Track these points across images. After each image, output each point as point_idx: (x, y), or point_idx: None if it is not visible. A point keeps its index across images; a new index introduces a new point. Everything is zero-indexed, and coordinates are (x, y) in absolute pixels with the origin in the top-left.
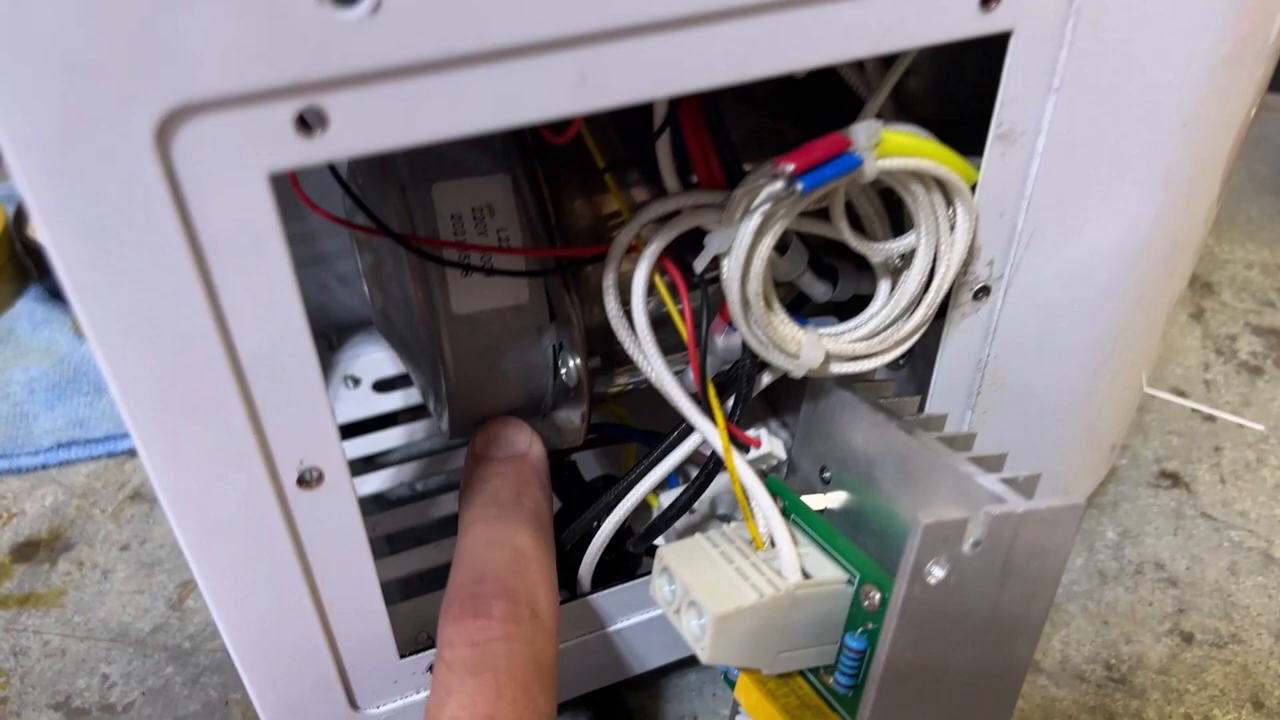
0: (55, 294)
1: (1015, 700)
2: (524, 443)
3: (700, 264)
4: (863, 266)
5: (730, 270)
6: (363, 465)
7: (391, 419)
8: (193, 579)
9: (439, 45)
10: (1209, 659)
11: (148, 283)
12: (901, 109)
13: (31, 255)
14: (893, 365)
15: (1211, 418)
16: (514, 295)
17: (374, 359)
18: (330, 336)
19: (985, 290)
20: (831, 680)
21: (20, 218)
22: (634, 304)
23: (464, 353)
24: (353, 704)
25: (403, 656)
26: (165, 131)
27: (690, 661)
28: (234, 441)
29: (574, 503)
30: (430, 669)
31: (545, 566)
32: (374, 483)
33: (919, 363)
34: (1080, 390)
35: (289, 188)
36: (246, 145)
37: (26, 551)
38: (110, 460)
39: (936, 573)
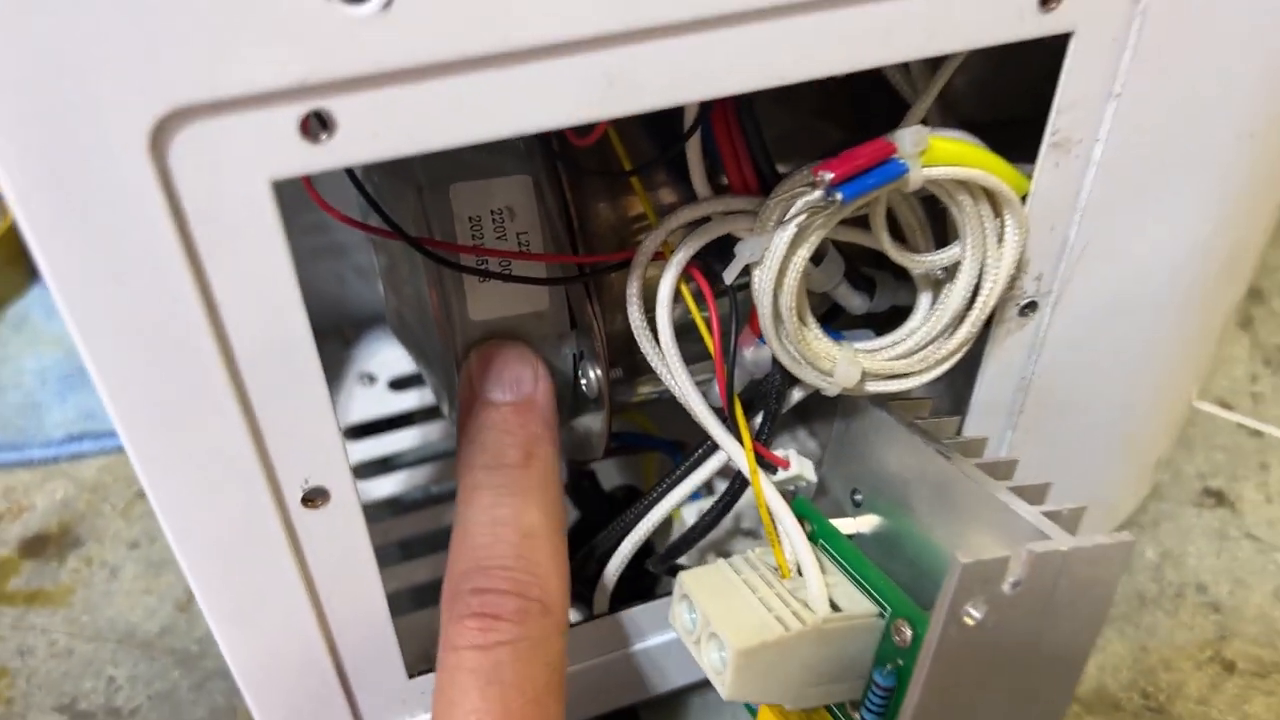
0: None
1: None
2: (529, 380)
3: (730, 274)
4: (901, 277)
5: (762, 281)
6: (377, 467)
7: (407, 419)
8: None
9: (455, 46)
10: (1251, 689)
11: (139, 292)
12: (947, 107)
13: None
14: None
15: (1259, 433)
16: (533, 302)
17: (390, 356)
18: (346, 332)
19: (1032, 306)
20: (858, 716)
21: None
22: (659, 313)
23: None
24: None
25: (411, 677)
26: (160, 135)
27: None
28: (234, 459)
29: (593, 513)
30: None
31: (557, 547)
32: (388, 485)
33: (959, 378)
34: (1127, 408)
35: (298, 181)
36: (248, 151)
37: (35, 547)
38: (121, 454)
39: (974, 614)
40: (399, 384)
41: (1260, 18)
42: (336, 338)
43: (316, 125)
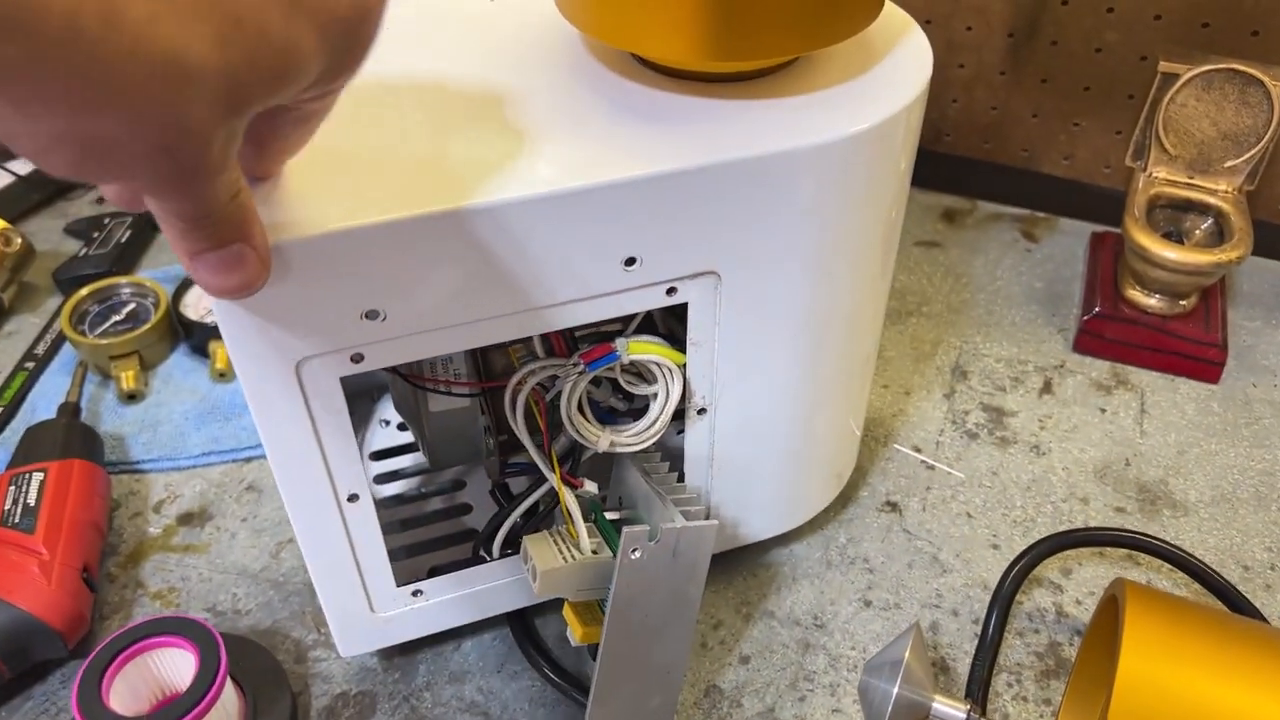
0: (197, 350)
1: (693, 624)
2: None
3: (551, 395)
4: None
5: (564, 398)
6: (389, 476)
7: (408, 448)
8: (285, 541)
9: (405, 329)
10: (876, 617)
11: (292, 424)
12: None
13: (181, 324)
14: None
15: (933, 467)
16: (462, 402)
17: None
18: (373, 394)
19: (704, 410)
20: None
21: (177, 296)
22: (517, 410)
23: (436, 429)
24: (372, 608)
25: (398, 586)
26: (300, 365)
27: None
28: (320, 483)
29: (504, 507)
30: (412, 595)
31: None
32: (395, 488)
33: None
34: (786, 454)
35: None
36: (331, 369)
37: (186, 519)
38: (234, 464)
39: (634, 555)
40: (403, 426)
41: (784, 295)
42: (368, 398)
43: (358, 359)
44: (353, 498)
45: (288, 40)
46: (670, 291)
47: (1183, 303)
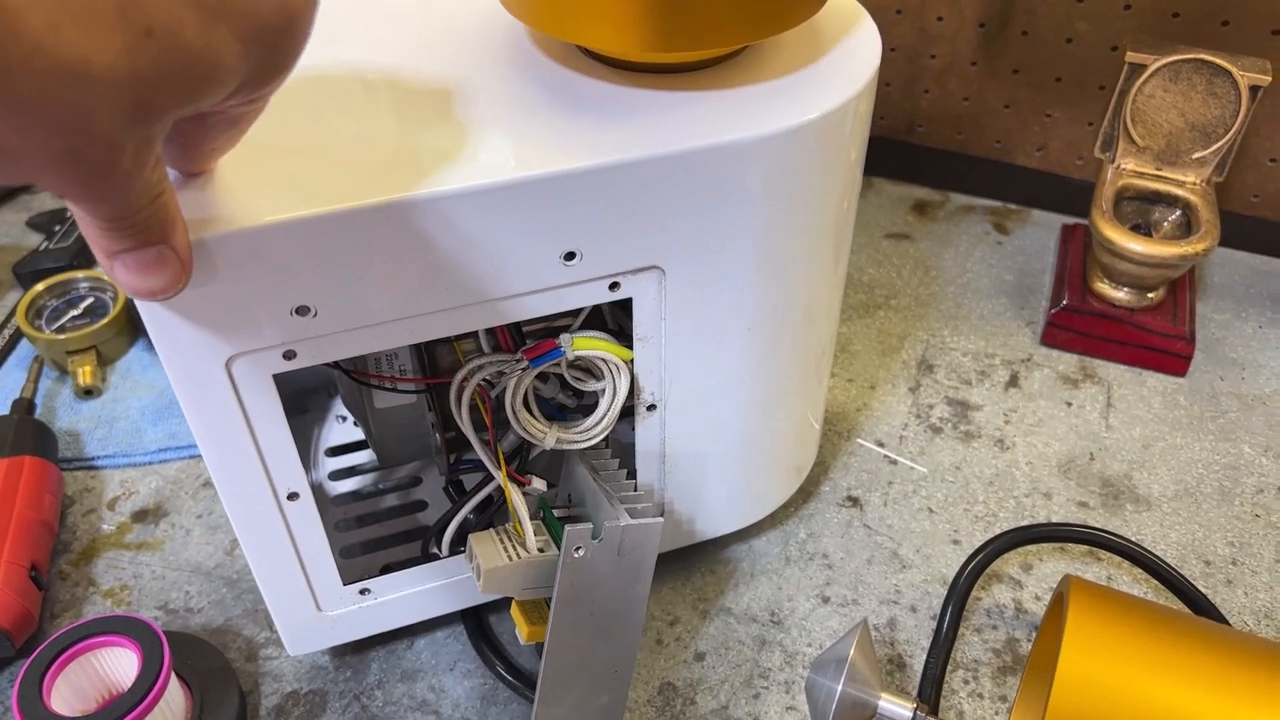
0: None
1: (640, 622)
2: None
3: (496, 391)
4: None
5: (509, 395)
6: (346, 472)
7: (364, 444)
8: None
9: (338, 325)
10: (834, 613)
11: (226, 422)
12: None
13: (140, 319)
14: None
15: (895, 461)
16: (408, 399)
17: None
18: (330, 388)
19: (653, 406)
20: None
21: None
22: (463, 407)
23: (383, 426)
24: (318, 608)
25: (345, 584)
26: (230, 361)
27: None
28: (257, 481)
29: (454, 503)
30: (359, 594)
31: None
32: (351, 484)
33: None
34: (733, 451)
35: None
36: (262, 366)
37: (141, 516)
38: (191, 460)
39: (578, 553)
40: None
41: (730, 290)
42: (324, 392)
43: (290, 355)
44: (293, 496)
45: (205, 49)
46: (613, 287)
47: (1150, 295)
